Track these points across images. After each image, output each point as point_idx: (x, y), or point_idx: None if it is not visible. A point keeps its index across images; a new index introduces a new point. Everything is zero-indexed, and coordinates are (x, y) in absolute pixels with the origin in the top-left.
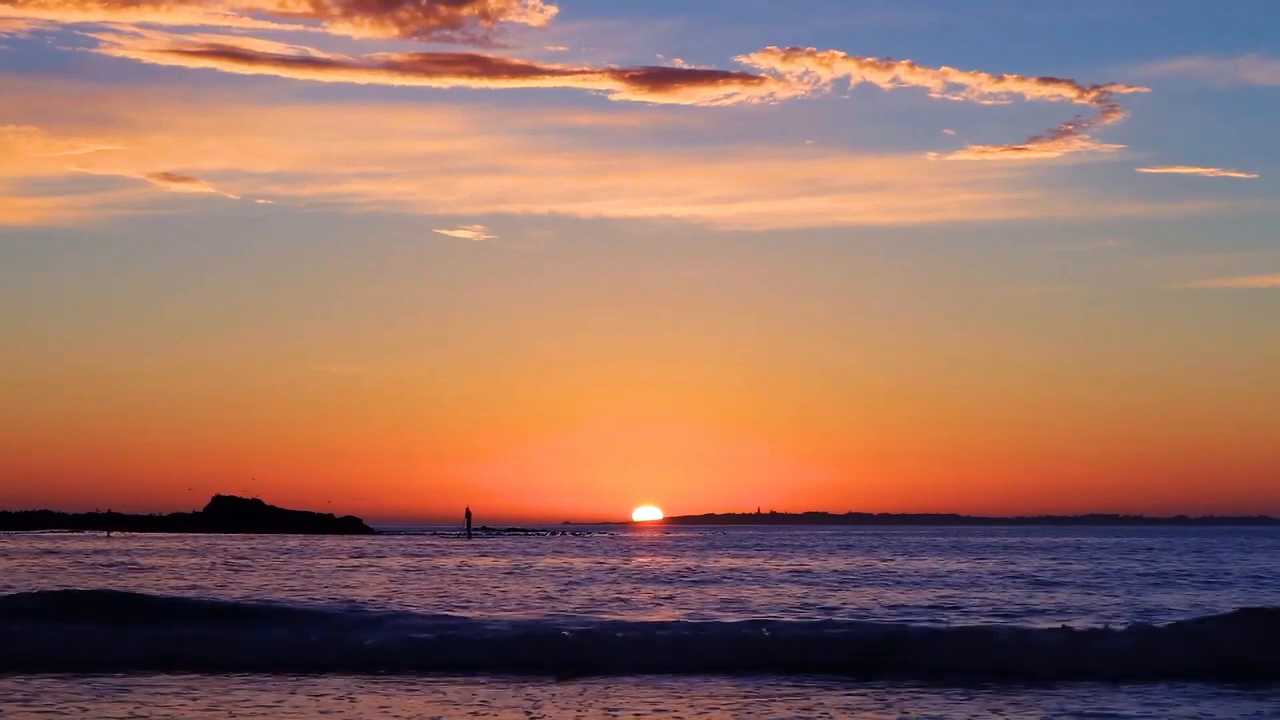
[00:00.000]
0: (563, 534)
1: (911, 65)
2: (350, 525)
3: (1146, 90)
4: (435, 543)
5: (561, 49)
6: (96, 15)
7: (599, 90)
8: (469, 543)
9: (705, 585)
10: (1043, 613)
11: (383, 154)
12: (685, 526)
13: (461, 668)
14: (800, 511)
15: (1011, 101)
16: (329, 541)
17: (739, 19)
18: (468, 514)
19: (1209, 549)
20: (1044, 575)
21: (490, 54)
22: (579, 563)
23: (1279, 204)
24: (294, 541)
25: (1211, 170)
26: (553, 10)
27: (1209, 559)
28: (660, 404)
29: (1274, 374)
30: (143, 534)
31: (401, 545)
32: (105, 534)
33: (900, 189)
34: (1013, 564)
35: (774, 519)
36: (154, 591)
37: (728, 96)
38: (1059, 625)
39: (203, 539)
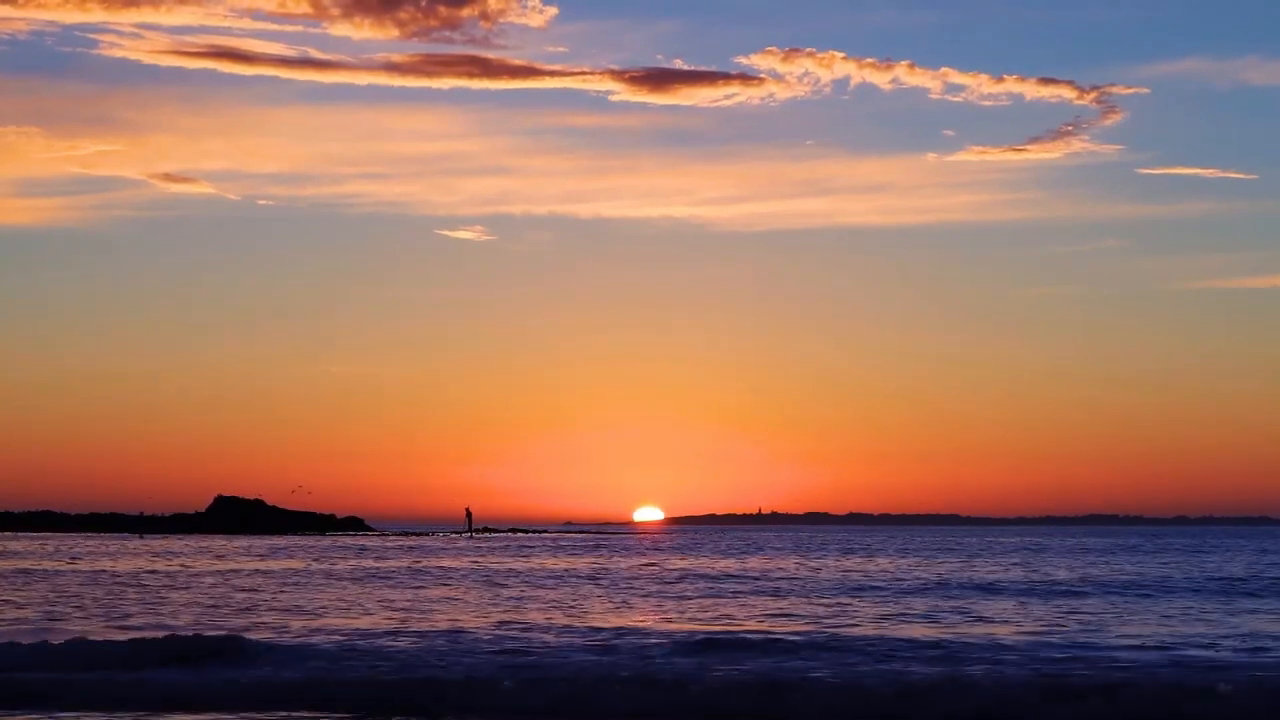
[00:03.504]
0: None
1: (911, 66)
2: (351, 525)
3: (1146, 91)
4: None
5: (561, 50)
6: (96, 16)
7: (599, 91)
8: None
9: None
10: None
11: (383, 155)
12: (686, 527)
13: None
14: (801, 511)
15: (1011, 102)
16: (324, 542)
17: (739, 20)
18: (468, 514)
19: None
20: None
21: (490, 55)
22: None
23: (1279, 204)
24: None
25: (1211, 171)
26: (553, 11)
27: None
28: (661, 404)
29: (1274, 374)
30: (173, 536)
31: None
32: (138, 536)
33: (900, 190)
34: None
35: (775, 519)
36: None
37: (728, 97)
38: None
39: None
